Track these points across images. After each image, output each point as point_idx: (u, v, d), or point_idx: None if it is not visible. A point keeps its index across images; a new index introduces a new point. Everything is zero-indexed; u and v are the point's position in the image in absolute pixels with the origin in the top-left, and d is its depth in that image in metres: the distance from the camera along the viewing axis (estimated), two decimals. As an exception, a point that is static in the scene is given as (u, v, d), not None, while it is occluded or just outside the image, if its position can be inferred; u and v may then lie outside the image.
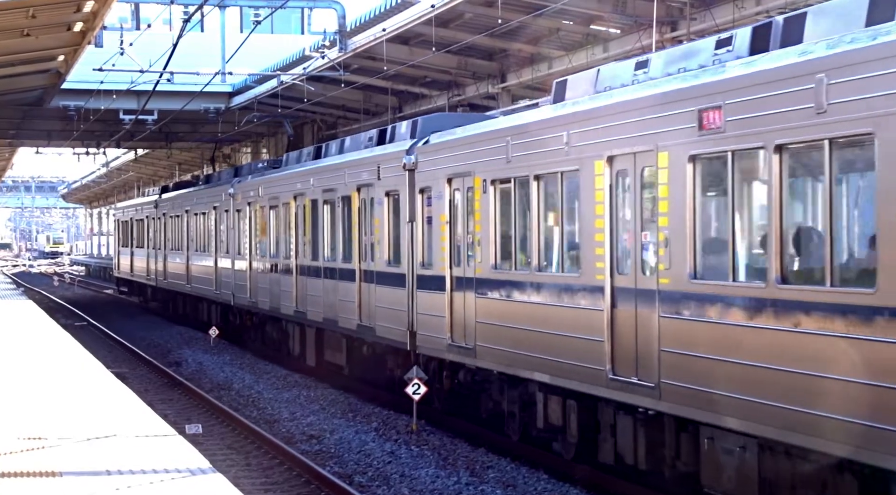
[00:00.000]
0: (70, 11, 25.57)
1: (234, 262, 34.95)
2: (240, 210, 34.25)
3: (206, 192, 39.51)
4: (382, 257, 22.66)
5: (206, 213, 38.98)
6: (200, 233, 40.19)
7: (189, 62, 36.62)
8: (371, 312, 23.20)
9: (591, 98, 15.45)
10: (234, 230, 34.95)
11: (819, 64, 11.16)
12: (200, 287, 40.19)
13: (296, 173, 28.67)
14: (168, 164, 76.33)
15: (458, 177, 19.30)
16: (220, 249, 37.07)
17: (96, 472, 11.60)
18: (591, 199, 15.08)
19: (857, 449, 10.70)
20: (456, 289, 19.49)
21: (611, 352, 14.70)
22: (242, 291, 33.85)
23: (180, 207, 43.75)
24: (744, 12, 23.59)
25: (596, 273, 15.00)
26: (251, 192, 32.88)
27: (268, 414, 23.17)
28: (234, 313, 36.67)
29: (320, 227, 26.40)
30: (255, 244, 32.46)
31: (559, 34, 29.63)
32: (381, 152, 22.96)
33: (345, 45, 34.17)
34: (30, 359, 21.85)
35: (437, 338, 20.11)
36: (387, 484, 16.61)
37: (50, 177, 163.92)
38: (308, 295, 27.30)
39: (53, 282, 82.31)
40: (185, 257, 42.66)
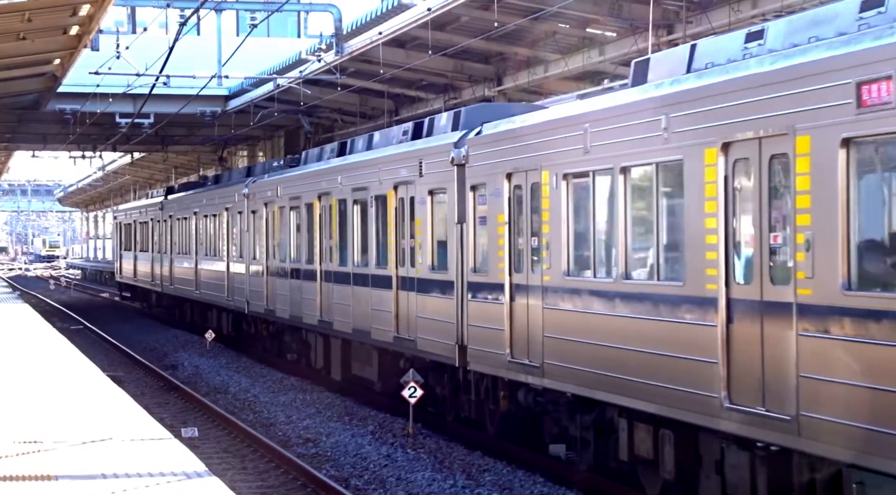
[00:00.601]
0: (66, 15, 25.57)
1: (249, 267, 32.73)
2: (255, 211, 32.02)
3: (218, 193, 37.20)
4: (425, 262, 20.35)
5: (218, 215, 36.79)
6: (211, 236, 38.02)
7: (185, 65, 36.62)
8: (411, 323, 20.96)
9: (698, 75, 13.07)
10: (249, 233, 32.70)
11: None
12: (211, 293, 37.80)
13: (320, 171, 26.43)
14: (164, 168, 76.33)
15: (520, 172, 16.98)
16: (232, 253, 34.95)
17: (92, 476, 11.58)
18: (699, 194, 12.67)
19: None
20: (517, 299, 17.12)
21: (726, 376, 12.33)
22: (258, 298, 31.58)
23: (188, 209, 41.40)
24: (739, 15, 23.62)
25: (705, 282, 12.56)
26: (268, 192, 30.64)
27: (264, 417, 23.16)
28: (248, 321, 34.42)
29: (349, 230, 24.19)
30: (273, 248, 30.27)
31: (555, 37, 29.66)
32: (423, 146, 20.68)
33: (341, 48, 34.18)
34: (26, 362, 21.83)
35: (493, 353, 17.73)
36: (383, 487, 16.61)
37: (46, 181, 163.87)
38: (335, 303, 25.05)
39: (49, 286, 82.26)
40: (193, 261, 40.43)
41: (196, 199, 40.33)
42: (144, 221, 50.73)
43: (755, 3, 23.44)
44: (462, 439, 19.71)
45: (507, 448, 18.53)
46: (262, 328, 32.63)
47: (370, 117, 43.01)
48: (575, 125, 15.40)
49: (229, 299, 35.11)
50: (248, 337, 34.39)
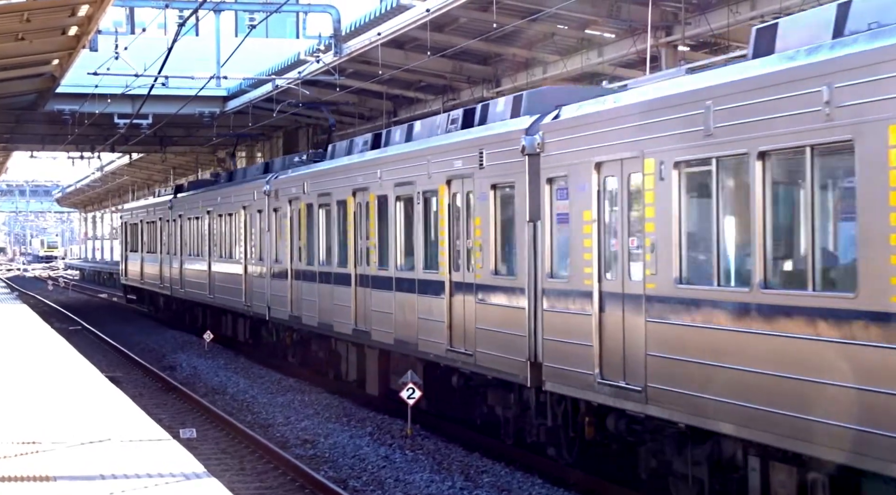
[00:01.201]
0: (65, 15, 25.57)
1: (271, 270, 30.07)
2: (278, 209, 29.41)
3: (234, 190, 34.49)
4: (486, 266, 17.85)
5: (234, 214, 34.20)
6: (226, 236, 35.45)
7: (184, 66, 36.61)
8: (468, 335, 18.47)
9: (873, 36, 10.65)
10: (271, 233, 30.10)
11: None
12: (227, 298, 35.10)
13: (355, 164, 23.76)
14: (163, 168, 76.34)
15: (612, 161, 14.41)
16: (251, 255, 32.38)
17: (90, 477, 11.58)
18: (882, 183, 10.24)
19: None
20: (609, 309, 14.55)
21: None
22: (281, 304, 29.05)
23: (200, 208, 38.77)
24: (738, 17, 23.63)
25: (890, 293, 10.19)
26: (293, 189, 27.96)
27: (262, 418, 23.15)
28: (269, 329, 31.70)
29: (391, 229, 21.74)
30: (299, 249, 27.62)
31: (554, 39, 29.66)
32: (483, 134, 18.14)
33: (340, 49, 34.18)
34: (24, 363, 21.82)
35: (576, 373, 15.19)
36: (381, 488, 16.60)
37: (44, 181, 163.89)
38: (372, 311, 22.57)
39: (48, 287, 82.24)
40: (206, 264, 37.84)
41: (209, 198, 37.89)
42: (152, 221, 48.21)
43: (754, 5, 23.45)
44: (460, 440, 19.70)
45: (506, 449, 18.52)
46: (286, 336, 29.96)
47: (369, 118, 43.02)
48: (691, 103, 12.91)
49: (247, 305, 32.58)
50: (269, 345, 31.91)
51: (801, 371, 11.18)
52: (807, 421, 11.08)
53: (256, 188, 31.58)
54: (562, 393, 15.81)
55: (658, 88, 13.88)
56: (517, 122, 17.14)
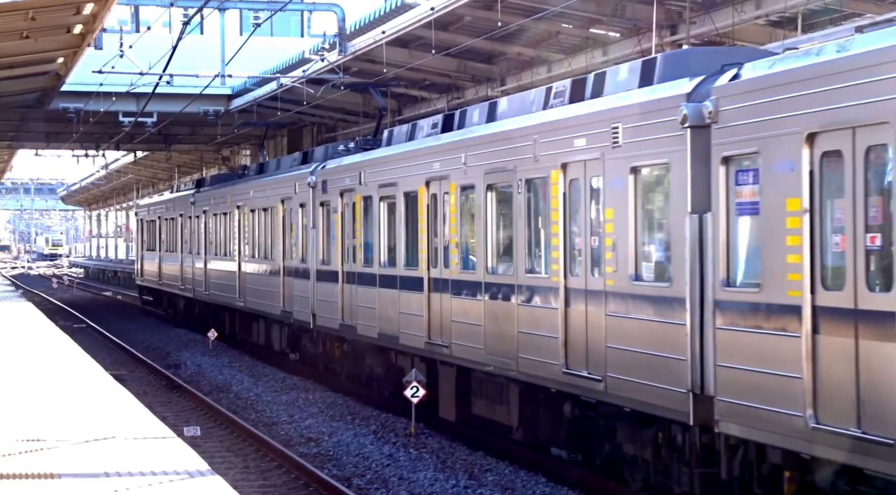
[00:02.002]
0: (69, 14, 25.57)
1: (317, 272, 26.69)
2: (326, 203, 26.09)
3: (270, 183, 31.20)
4: (623, 270, 14.36)
5: (270, 209, 30.93)
6: (260, 234, 32.15)
7: (188, 65, 36.63)
8: (594, 355, 15.02)
9: None
10: (317, 230, 26.76)
11: None
12: (260, 302, 31.76)
13: (429, 149, 20.35)
14: (167, 167, 76.38)
15: (839, 130, 10.92)
16: (291, 255, 29.04)
17: (94, 474, 11.59)
18: None
19: None
20: (828, 331, 11.04)
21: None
22: (329, 311, 25.70)
23: (228, 203, 35.58)
24: (743, 16, 23.62)
25: None
26: (346, 179, 24.56)
27: (266, 416, 23.17)
28: (313, 338, 28.03)
29: (479, 225, 18.39)
30: (354, 248, 24.25)
31: (558, 38, 29.67)
32: (619, 104, 14.60)
33: (344, 47, 34.19)
34: (28, 360, 21.85)
35: (774, 413, 11.67)
36: (385, 486, 16.61)
37: (49, 180, 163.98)
38: (453, 322, 19.25)
39: (52, 285, 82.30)
40: (235, 264, 34.60)
41: (239, 191, 34.55)
42: (171, 218, 45.00)
43: (759, 4, 23.44)
44: (464, 439, 19.71)
45: (510, 448, 18.53)
46: (335, 347, 26.46)
47: (373, 117, 43.01)
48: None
49: (287, 310, 29.19)
50: (315, 356, 28.17)
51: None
52: None
53: (298, 179, 28.14)
54: (747, 437, 12.26)
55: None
56: (671, 87, 13.73)
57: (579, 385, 15.35)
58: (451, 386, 20.01)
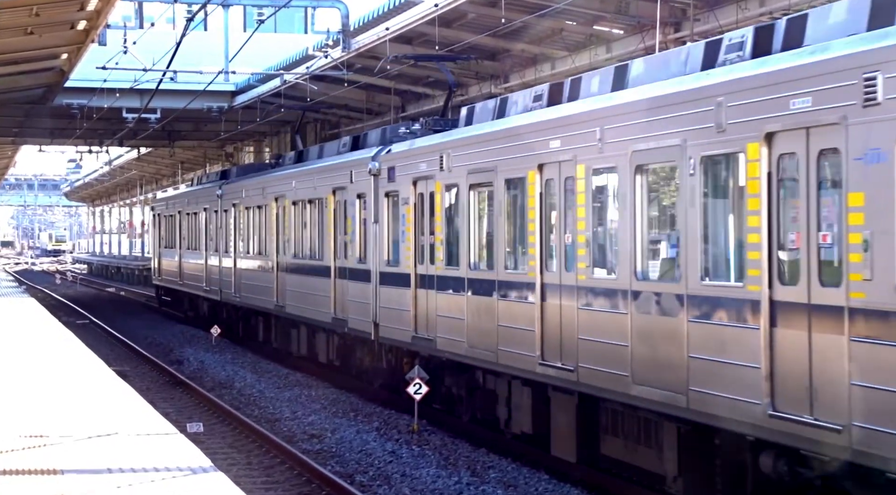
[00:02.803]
0: (73, 10, 25.60)
1: (382, 276, 22.92)
2: (393, 194, 22.42)
3: (318, 172, 27.36)
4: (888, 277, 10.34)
5: (318, 202, 27.20)
6: (304, 230, 28.43)
7: (192, 61, 36.65)
8: (823, 392, 11.05)
9: None
10: (381, 225, 23.01)
11: None
12: (304, 307, 28.08)
13: (542, 124, 16.44)
14: (171, 163, 76.41)
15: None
16: (344, 255, 25.29)
17: (97, 470, 11.60)
18: None
19: None
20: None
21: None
22: (397, 321, 22.01)
23: (265, 195, 31.85)
24: (747, 13, 23.61)
25: None
26: (422, 165, 20.81)
27: (269, 413, 23.18)
28: (374, 352, 24.21)
29: (627, 217, 14.36)
30: (430, 247, 20.62)
31: (562, 35, 29.66)
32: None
33: (348, 44, 34.18)
34: (32, 356, 21.87)
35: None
36: (388, 483, 16.62)
37: (52, 176, 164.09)
38: (581, 339, 15.39)
39: (56, 280, 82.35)
40: (272, 264, 31.01)
41: (278, 182, 30.83)
42: (194, 212, 41.36)
43: (762, 2, 23.43)
44: (467, 436, 19.71)
45: (513, 445, 18.52)
46: (402, 363, 22.67)
47: (377, 113, 43.03)
48: None
49: (339, 318, 25.54)
50: (374, 371, 24.53)
51: None
52: None
53: (355, 166, 24.42)
54: None
55: None
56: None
57: (794, 433, 11.37)
58: (570, 419, 16.38)
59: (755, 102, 11.92)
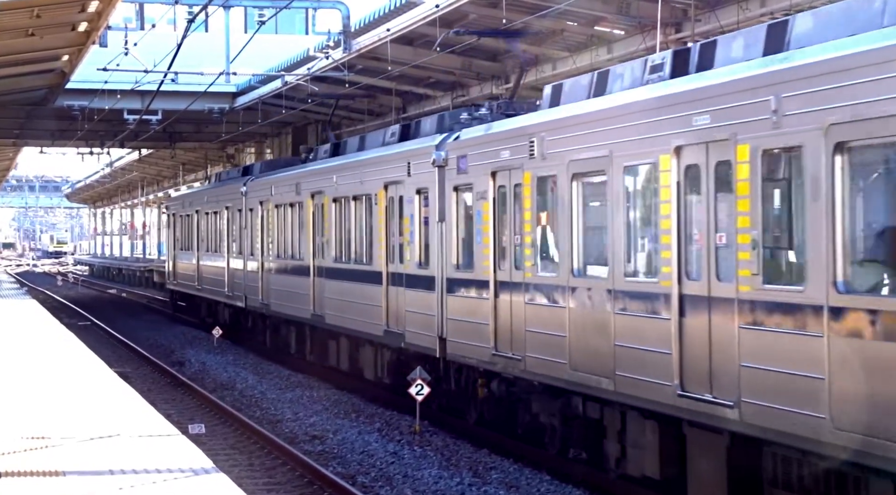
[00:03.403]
0: (74, 11, 25.59)
1: (449, 282, 19.78)
2: (464, 188, 19.24)
3: (365, 165, 24.07)
4: None
5: (365, 198, 23.99)
6: (348, 230, 25.25)
7: (193, 62, 36.64)
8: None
9: None
10: (447, 223, 19.89)
11: None
12: (348, 318, 24.82)
13: (686, 96, 13.23)
14: (172, 164, 76.43)
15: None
16: (399, 258, 22.16)
17: (99, 472, 11.60)
18: None
19: None
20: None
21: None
22: (473, 336, 18.77)
23: (299, 192, 28.65)
24: (748, 13, 23.61)
25: None
26: (504, 153, 17.53)
27: (271, 414, 23.18)
28: (440, 370, 20.67)
29: (826, 213, 11.01)
30: (517, 250, 17.37)
31: (563, 35, 29.67)
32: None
33: (349, 45, 34.17)
34: (33, 358, 21.87)
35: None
36: (390, 484, 16.62)
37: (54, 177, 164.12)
38: (744, 367, 12.05)
39: (57, 282, 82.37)
40: (309, 269, 27.62)
41: (314, 177, 27.61)
42: (213, 212, 38.35)
43: (763, 2, 23.43)
44: (469, 437, 19.71)
45: (514, 446, 18.52)
46: (476, 384, 19.52)
47: (378, 114, 43.03)
48: None
49: (393, 331, 22.29)
50: (439, 393, 20.88)
51: None
52: None
53: (414, 157, 21.36)
54: None
55: None
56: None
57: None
58: (716, 464, 13.06)
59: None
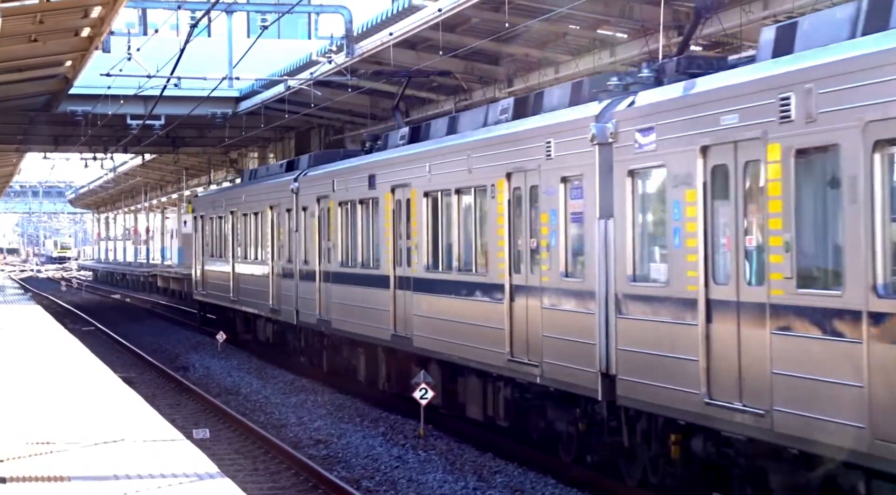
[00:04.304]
0: (77, 17, 25.63)
1: (623, 300, 14.66)
2: (641, 173, 14.37)
3: (475, 150, 18.87)
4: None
5: (474, 192, 19.05)
6: (446, 234, 20.29)
7: (196, 67, 36.67)
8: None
9: None
10: (624, 221, 14.68)
11: None
12: (455, 344, 19.68)
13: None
14: (175, 169, 76.50)
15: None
16: (530, 266, 17.07)
17: (104, 477, 11.61)
18: None
19: None
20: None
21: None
22: (669, 376, 13.61)
23: (377, 186, 23.48)
24: (751, 16, 23.61)
25: None
26: (728, 117, 12.60)
27: (275, 418, 23.19)
28: (596, 417, 15.75)
29: None
30: (753, 253, 12.35)
31: (566, 39, 29.67)
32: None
33: (352, 49, 34.19)
34: (38, 363, 21.88)
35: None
36: (394, 488, 16.62)
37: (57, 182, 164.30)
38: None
39: (61, 287, 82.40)
40: (389, 280, 22.66)
41: (400, 167, 22.27)
42: (253, 212, 33.68)
43: (766, 4, 23.42)
44: (473, 440, 19.71)
45: (519, 450, 18.52)
46: (666, 440, 14.20)
47: (381, 119, 43.05)
48: None
49: (526, 361, 17.10)
50: (599, 446, 15.93)
51: None
52: None
53: (558, 134, 16.18)
54: None
55: None
56: None
57: None
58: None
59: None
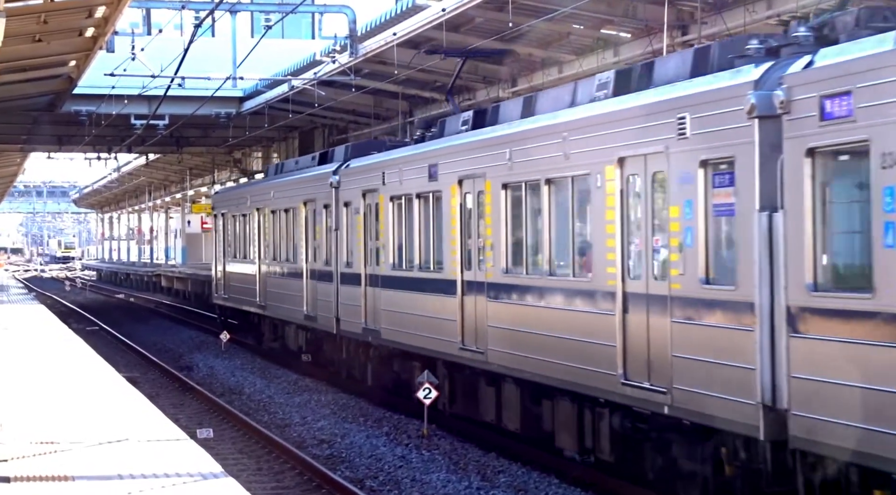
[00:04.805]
0: (81, 17, 25.63)
1: (798, 315, 11.35)
2: (825, 151, 11.03)
3: (577, 129, 15.65)
4: None
5: (570, 182, 15.90)
6: (529, 232, 17.36)
7: (200, 67, 36.70)
8: None
9: None
10: (802, 212, 11.29)
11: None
12: (540, 361, 16.70)
13: None
14: (179, 169, 76.55)
15: None
16: (652, 268, 13.99)
17: (108, 477, 11.62)
18: None
19: None
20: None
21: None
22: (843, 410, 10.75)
23: (438, 178, 20.46)
24: (755, 16, 23.59)
25: None
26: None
27: (279, 418, 23.19)
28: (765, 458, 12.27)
29: None
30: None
31: (569, 38, 29.67)
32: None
33: (355, 49, 34.20)
34: (42, 363, 21.90)
35: None
36: (398, 488, 16.63)
37: (61, 182, 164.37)
38: None
39: (65, 287, 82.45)
40: (456, 286, 19.67)
41: (472, 154, 19.21)
42: (283, 209, 30.92)
43: (770, 4, 23.41)
44: (477, 440, 19.71)
45: (522, 449, 18.53)
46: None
47: (384, 118, 43.05)
48: None
49: (636, 382, 14.27)
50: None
51: None
52: None
53: (694, 108, 13.03)
54: None
55: None
56: None
57: None
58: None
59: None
